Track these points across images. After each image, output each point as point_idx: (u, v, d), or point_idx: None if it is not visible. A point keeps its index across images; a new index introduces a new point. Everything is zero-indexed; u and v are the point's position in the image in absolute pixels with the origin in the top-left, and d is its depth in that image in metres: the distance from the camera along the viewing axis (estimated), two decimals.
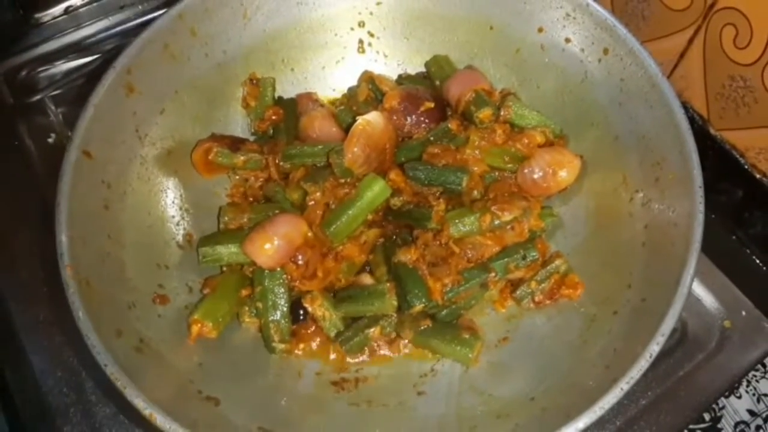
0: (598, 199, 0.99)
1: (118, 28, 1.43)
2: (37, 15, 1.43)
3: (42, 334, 1.06)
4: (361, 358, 0.95)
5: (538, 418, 0.77)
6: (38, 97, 1.35)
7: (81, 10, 1.44)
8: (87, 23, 1.43)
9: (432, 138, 1.04)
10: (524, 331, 0.94)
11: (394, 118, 1.05)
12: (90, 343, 0.75)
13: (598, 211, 0.98)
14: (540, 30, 1.04)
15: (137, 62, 0.94)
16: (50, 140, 1.29)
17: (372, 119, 0.99)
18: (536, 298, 0.96)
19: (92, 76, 1.18)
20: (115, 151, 0.93)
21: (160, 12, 0.96)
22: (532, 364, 0.88)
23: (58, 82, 1.37)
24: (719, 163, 1.15)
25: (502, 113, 1.04)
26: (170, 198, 1.01)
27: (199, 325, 0.88)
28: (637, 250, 0.88)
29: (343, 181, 0.99)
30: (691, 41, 1.15)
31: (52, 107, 1.33)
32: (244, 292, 0.94)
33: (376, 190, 0.95)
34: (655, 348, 0.72)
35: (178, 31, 0.99)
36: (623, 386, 0.71)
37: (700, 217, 0.79)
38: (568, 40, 1.02)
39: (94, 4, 1.45)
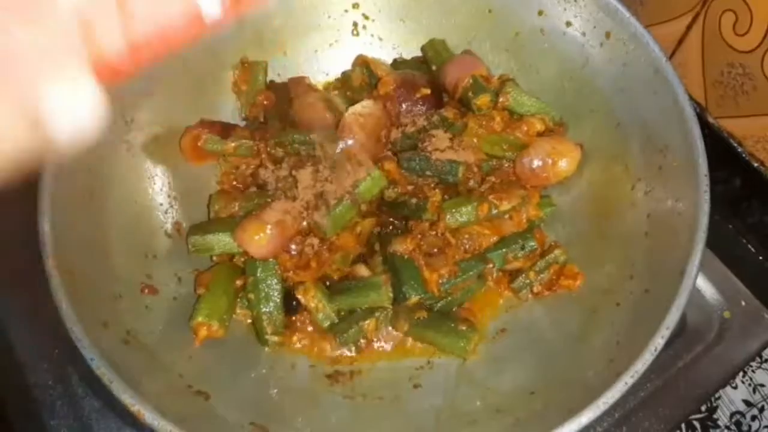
0: (598, 187, 0.97)
1: None
2: None
3: (26, 325, 1.02)
4: (355, 351, 0.92)
5: (539, 412, 0.76)
6: None
7: None
8: None
9: (428, 126, 1.01)
10: (522, 323, 0.93)
11: (389, 104, 1.03)
12: (75, 335, 0.72)
13: (598, 200, 0.96)
14: (540, 13, 1.01)
15: None
16: None
17: (365, 108, 0.96)
18: (535, 289, 0.94)
19: None
20: (101, 136, 0.89)
21: None
22: (532, 356, 0.87)
23: None
24: (716, 151, 1.14)
25: (500, 100, 1.01)
26: (158, 185, 0.97)
27: (205, 327, 0.85)
28: (639, 240, 0.86)
29: None
30: (689, 27, 1.14)
31: None
32: (238, 282, 0.92)
33: (370, 180, 0.93)
34: (660, 341, 0.70)
35: None
36: (627, 380, 0.69)
37: (705, 207, 0.78)
38: (569, 24, 0.99)
39: None
